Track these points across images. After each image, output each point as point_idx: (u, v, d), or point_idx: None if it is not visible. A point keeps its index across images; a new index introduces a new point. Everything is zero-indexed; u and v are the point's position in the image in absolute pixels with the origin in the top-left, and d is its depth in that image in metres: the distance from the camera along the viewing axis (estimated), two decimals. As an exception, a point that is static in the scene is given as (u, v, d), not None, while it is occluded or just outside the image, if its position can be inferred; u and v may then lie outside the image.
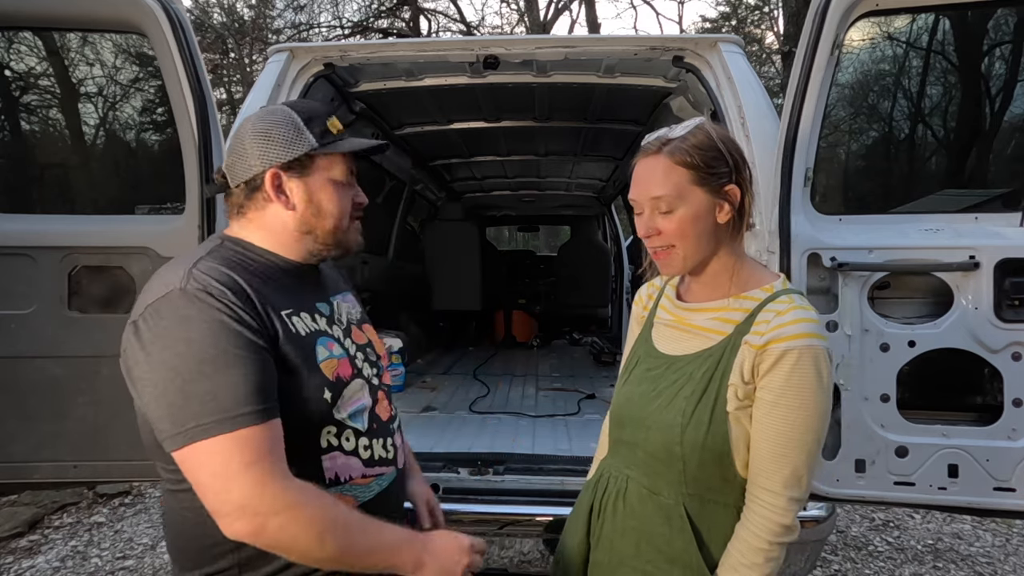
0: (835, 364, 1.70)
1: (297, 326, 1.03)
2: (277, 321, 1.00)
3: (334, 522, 0.93)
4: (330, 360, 1.06)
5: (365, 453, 1.10)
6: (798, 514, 1.04)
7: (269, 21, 16.28)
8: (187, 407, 0.88)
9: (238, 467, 0.87)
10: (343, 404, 1.06)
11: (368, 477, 1.10)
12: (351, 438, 1.08)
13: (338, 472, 1.05)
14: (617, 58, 2.36)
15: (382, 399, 1.19)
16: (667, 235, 1.08)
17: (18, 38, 2.01)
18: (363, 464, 1.09)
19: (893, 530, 3.56)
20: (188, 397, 0.88)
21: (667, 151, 1.07)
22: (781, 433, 1.01)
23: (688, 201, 1.06)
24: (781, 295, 1.07)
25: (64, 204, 2.25)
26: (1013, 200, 1.73)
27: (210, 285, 0.94)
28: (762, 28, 18.01)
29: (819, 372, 1.00)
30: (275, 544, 0.91)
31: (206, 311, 0.92)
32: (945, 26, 1.91)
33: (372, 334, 1.27)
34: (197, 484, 0.90)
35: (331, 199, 1.11)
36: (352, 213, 1.16)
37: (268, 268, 1.08)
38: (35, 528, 3.56)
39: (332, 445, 1.05)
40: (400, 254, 4.54)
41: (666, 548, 1.10)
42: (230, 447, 0.88)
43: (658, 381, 1.14)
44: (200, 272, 0.97)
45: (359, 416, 1.10)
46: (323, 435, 1.04)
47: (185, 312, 0.92)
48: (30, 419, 1.81)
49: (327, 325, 1.11)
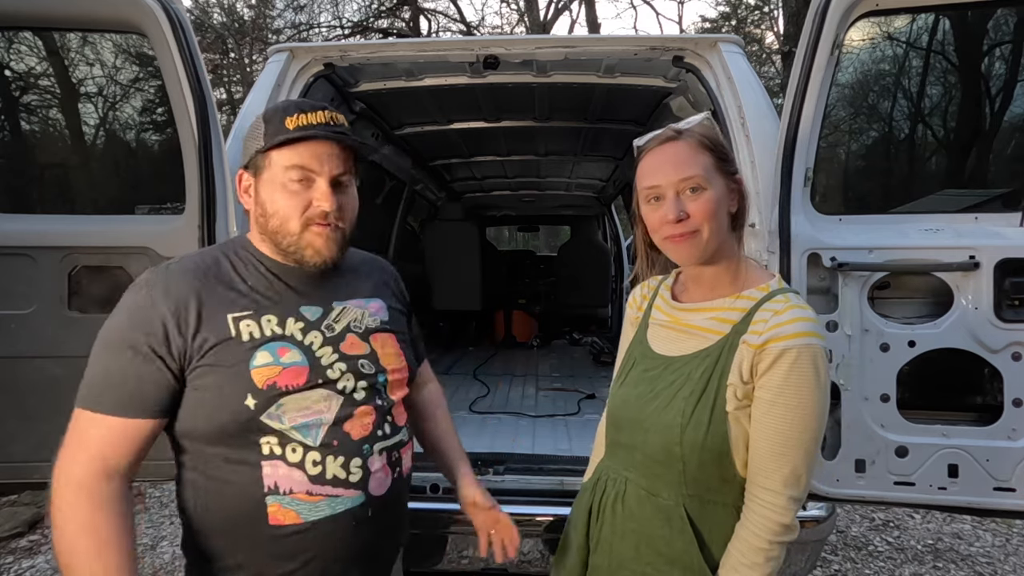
0: (835, 364, 1.70)
1: (242, 330, 1.04)
2: (212, 327, 1.02)
3: (76, 551, 0.94)
4: (270, 367, 1.02)
5: (314, 469, 1.04)
6: (798, 513, 1.04)
7: (269, 21, 16.29)
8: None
9: (73, 441, 0.99)
10: (284, 413, 1.02)
11: (316, 495, 1.04)
12: (297, 450, 1.03)
13: (278, 482, 1.02)
14: (617, 58, 2.36)
15: (362, 415, 1.10)
16: (696, 218, 1.06)
17: (18, 38, 2.01)
18: (309, 480, 1.03)
19: (893, 530, 3.56)
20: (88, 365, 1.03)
21: (688, 136, 1.08)
22: (780, 432, 1.01)
23: (714, 184, 1.07)
24: (777, 294, 1.07)
25: (64, 204, 2.25)
26: (1013, 200, 1.73)
27: (159, 283, 1.04)
28: (762, 28, 18.02)
29: (817, 371, 1.00)
30: (55, 526, 0.96)
31: (129, 302, 1.03)
32: (945, 26, 1.91)
33: (385, 344, 1.18)
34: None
35: (272, 199, 1.07)
36: (305, 217, 1.07)
37: (253, 267, 1.11)
38: (35, 528, 3.56)
39: (275, 454, 1.03)
40: (400, 254, 4.53)
41: (666, 550, 1.10)
42: (74, 419, 1.00)
43: (655, 382, 1.14)
44: (167, 271, 1.07)
45: (310, 429, 1.04)
46: (263, 442, 1.02)
47: (126, 300, 1.04)
48: (30, 419, 1.81)
49: (300, 331, 1.08)
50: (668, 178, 1.07)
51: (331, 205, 1.06)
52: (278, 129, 1.06)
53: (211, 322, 1.02)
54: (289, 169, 1.06)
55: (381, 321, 1.20)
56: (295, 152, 1.06)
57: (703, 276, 1.15)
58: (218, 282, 1.07)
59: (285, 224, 1.07)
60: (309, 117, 1.06)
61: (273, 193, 1.07)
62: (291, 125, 1.05)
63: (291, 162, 1.06)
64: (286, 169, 1.06)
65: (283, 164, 1.06)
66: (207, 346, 1.01)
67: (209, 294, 1.04)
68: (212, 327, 1.02)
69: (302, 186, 1.06)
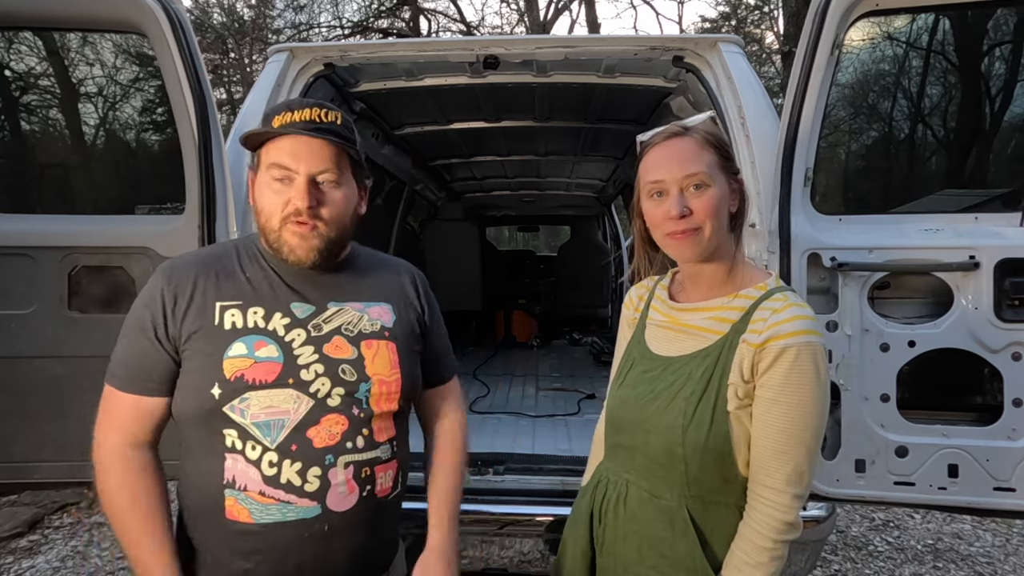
0: (835, 364, 1.70)
1: (226, 319, 1.06)
2: (200, 311, 1.06)
3: (115, 507, 1.04)
4: (242, 359, 1.02)
5: (269, 470, 1.01)
6: (800, 512, 1.04)
7: (269, 21, 16.28)
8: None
9: (102, 413, 1.08)
10: (247, 408, 1.02)
11: (268, 498, 1.01)
12: (256, 448, 1.02)
13: (236, 476, 1.02)
14: (617, 58, 2.36)
15: (331, 423, 1.04)
16: (698, 215, 1.05)
17: (18, 38, 2.01)
18: (263, 480, 1.01)
19: (893, 530, 3.56)
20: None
21: (694, 133, 1.08)
22: (782, 430, 1.01)
23: (717, 182, 1.07)
24: (775, 292, 1.07)
25: (64, 204, 2.25)
26: (1013, 200, 1.73)
27: (166, 268, 1.11)
28: (762, 28, 18.01)
29: (817, 368, 1.00)
30: (98, 487, 1.06)
31: (148, 288, 1.10)
32: (945, 26, 1.91)
33: (379, 352, 1.12)
34: None
35: (260, 197, 1.09)
36: (283, 215, 1.05)
37: (255, 261, 1.14)
38: (35, 528, 3.56)
39: (236, 448, 1.03)
40: (400, 254, 4.50)
41: (670, 552, 1.09)
42: (104, 395, 1.09)
43: (655, 383, 1.13)
44: (179, 257, 1.14)
45: (270, 429, 1.02)
46: (226, 433, 1.03)
47: (146, 284, 1.11)
48: (30, 419, 1.81)
49: (284, 327, 1.07)
50: (672, 174, 1.06)
51: (304, 202, 1.04)
52: (266, 128, 1.06)
53: (200, 308, 1.06)
54: (270, 167, 1.06)
55: (381, 326, 1.15)
56: (276, 149, 1.06)
57: (701, 275, 1.14)
58: (219, 272, 1.11)
59: (269, 221, 1.08)
60: (295, 115, 1.05)
61: (261, 190, 1.09)
62: (276, 124, 1.05)
63: (271, 160, 1.06)
64: (268, 167, 1.07)
65: (267, 162, 1.07)
66: (191, 330, 1.05)
67: (206, 282, 1.09)
68: (200, 313, 1.06)
69: (283, 184, 1.05)
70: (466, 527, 1.94)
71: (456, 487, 1.27)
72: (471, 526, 1.97)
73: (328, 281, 1.15)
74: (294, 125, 1.04)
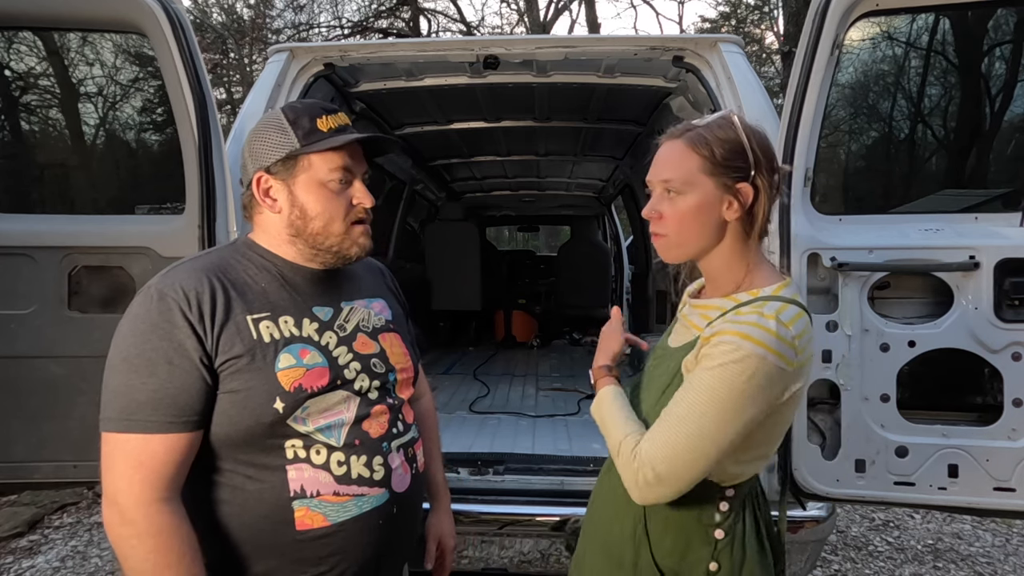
0: (835, 364, 1.70)
1: (263, 332, 1.02)
2: (235, 328, 1.00)
3: (146, 568, 0.93)
4: (294, 369, 1.02)
5: (339, 469, 1.04)
6: (662, 498, 0.98)
7: (269, 21, 16.28)
8: (104, 397, 0.97)
9: (113, 464, 0.95)
10: (309, 416, 1.02)
11: (343, 496, 1.04)
12: (322, 452, 1.03)
13: (304, 485, 1.02)
14: (617, 58, 2.36)
15: (378, 414, 1.11)
16: (665, 220, 1.06)
17: (18, 38, 2.01)
18: (335, 480, 1.03)
19: (893, 530, 3.56)
20: (106, 389, 0.97)
21: (687, 136, 1.06)
22: (679, 401, 0.97)
23: (696, 190, 1.03)
24: (763, 300, 1.00)
25: (64, 204, 2.25)
26: (1013, 200, 1.73)
27: (169, 287, 0.99)
28: (762, 28, 17.98)
29: (749, 379, 0.92)
30: (115, 548, 0.94)
31: (151, 312, 0.98)
32: (945, 26, 1.91)
33: (393, 344, 1.19)
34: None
35: (315, 201, 1.07)
36: (348, 216, 1.09)
37: (263, 269, 1.10)
38: (35, 528, 3.56)
39: (299, 457, 1.02)
40: (400, 254, 4.53)
41: (617, 539, 1.14)
42: (112, 445, 0.95)
43: (652, 372, 1.17)
44: (174, 271, 1.03)
45: (332, 430, 1.04)
46: (287, 446, 1.01)
47: (136, 310, 0.99)
48: (30, 419, 1.81)
49: (316, 331, 1.08)
50: (654, 176, 1.08)
51: (372, 202, 1.11)
52: (312, 131, 1.06)
53: (231, 325, 1.00)
54: (334, 171, 1.07)
55: (386, 320, 1.22)
56: (339, 154, 1.08)
57: (707, 275, 1.15)
58: (231, 284, 1.05)
59: (329, 225, 1.08)
60: (340, 118, 1.10)
61: (317, 194, 1.07)
62: (324, 127, 1.07)
63: (336, 164, 1.07)
64: (331, 171, 1.07)
65: (328, 166, 1.07)
66: (230, 349, 0.99)
67: (225, 296, 1.02)
68: (233, 328, 1.00)
69: (343, 187, 1.09)
70: (466, 527, 1.95)
71: (441, 457, 1.48)
72: (471, 526, 1.97)
73: (330, 282, 1.16)
74: (349, 129, 1.10)
